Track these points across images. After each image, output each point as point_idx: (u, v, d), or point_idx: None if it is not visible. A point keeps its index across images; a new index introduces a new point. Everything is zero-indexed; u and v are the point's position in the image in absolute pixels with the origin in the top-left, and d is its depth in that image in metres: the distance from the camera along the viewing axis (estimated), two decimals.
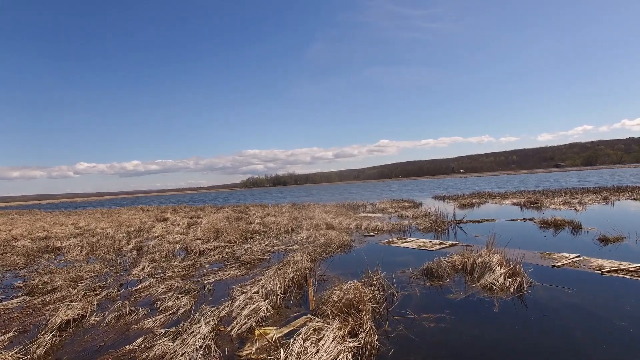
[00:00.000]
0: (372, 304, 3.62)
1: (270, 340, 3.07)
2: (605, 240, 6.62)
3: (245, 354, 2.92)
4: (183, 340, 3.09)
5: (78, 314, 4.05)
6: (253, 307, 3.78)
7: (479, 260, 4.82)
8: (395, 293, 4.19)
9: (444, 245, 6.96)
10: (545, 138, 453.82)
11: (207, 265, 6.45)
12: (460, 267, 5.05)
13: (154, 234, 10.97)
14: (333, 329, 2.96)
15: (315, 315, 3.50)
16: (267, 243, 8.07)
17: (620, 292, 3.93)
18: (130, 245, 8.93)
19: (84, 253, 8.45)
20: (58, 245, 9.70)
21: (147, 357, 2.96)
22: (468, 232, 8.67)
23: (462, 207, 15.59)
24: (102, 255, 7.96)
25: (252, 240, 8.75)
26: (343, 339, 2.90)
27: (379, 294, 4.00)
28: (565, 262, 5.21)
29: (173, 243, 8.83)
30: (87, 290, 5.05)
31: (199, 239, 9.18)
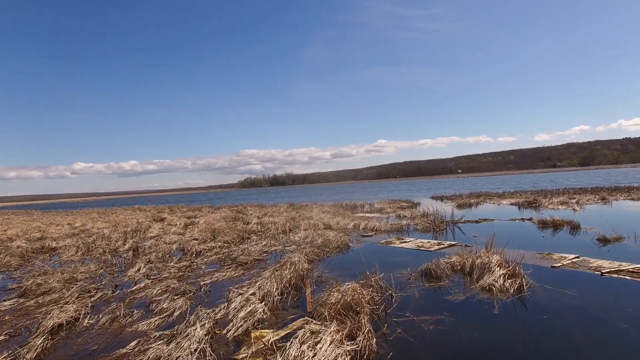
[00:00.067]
0: (370, 306, 3.57)
1: (267, 344, 3.02)
2: (605, 241, 6.59)
3: (241, 358, 2.87)
4: (178, 344, 3.03)
5: (71, 317, 3.98)
6: (249, 309, 3.72)
7: (478, 261, 4.77)
8: (394, 295, 4.14)
9: (443, 246, 6.92)
10: (543, 138, 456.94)
11: (203, 266, 6.38)
12: (459, 268, 5.00)
13: (151, 235, 10.87)
14: (330, 332, 2.91)
15: (313, 318, 3.44)
16: (264, 243, 8.01)
17: (621, 293, 3.90)
18: (127, 246, 8.84)
19: (80, 254, 8.35)
20: (53, 246, 9.59)
21: None
22: (466, 232, 8.64)
23: (460, 207, 15.57)
24: (97, 256, 7.86)
25: (249, 241, 8.68)
26: (341, 342, 2.86)
27: (377, 296, 3.95)
28: (565, 262, 5.18)
29: (169, 243, 8.75)
30: (81, 292, 4.98)
31: (196, 240, 9.10)
